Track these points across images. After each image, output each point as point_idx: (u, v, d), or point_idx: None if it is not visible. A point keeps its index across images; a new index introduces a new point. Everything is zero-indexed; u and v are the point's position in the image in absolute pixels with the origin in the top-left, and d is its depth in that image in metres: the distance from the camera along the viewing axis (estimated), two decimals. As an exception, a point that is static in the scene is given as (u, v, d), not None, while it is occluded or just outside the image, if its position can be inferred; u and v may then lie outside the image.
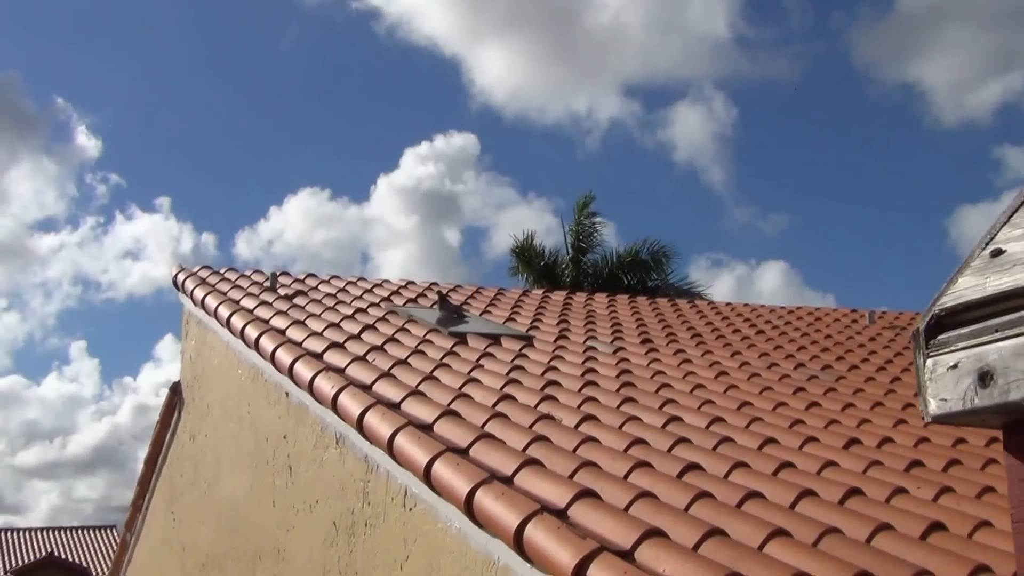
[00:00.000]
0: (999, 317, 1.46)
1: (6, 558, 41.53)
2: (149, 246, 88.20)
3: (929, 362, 1.54)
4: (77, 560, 42.07)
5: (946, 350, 1.52)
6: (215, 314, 9.01)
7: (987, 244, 1.53)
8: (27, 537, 44.68)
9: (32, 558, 40.97)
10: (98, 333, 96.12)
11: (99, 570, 39.37)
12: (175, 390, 10.74)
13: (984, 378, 1.45)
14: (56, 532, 46.11)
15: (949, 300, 1.52)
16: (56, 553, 41.64)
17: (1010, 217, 1.54)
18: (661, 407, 6.42)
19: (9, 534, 44.97)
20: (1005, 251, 1.51)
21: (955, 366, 1.50)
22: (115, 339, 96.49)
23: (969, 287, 1.51)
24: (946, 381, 1.50)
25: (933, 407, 1.53)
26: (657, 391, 6.92)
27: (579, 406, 6.28)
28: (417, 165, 71.55)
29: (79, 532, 46.53)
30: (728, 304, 13.48)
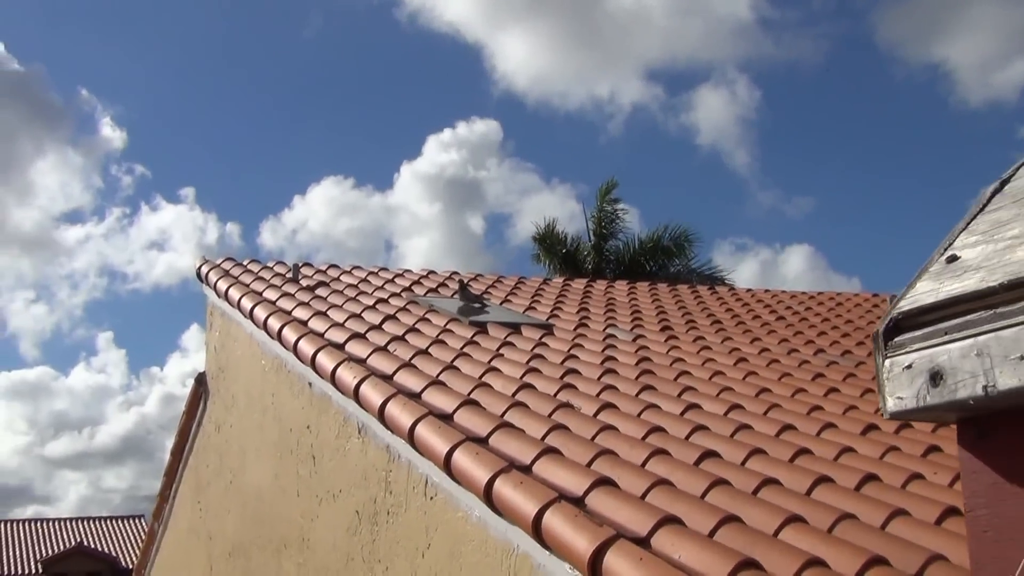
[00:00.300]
0: (950, 320, 1.53)
1: (36, 547, 42.00)
2: (174, 237, 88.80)
3: (887, 362, 1.62)
4: (106, 549, 42.53)
5: (902, 351, 1.60)
6: (238, 305, 9.13)
7: (945, 250, 1.61)
8: (57, 527, 45.17)
9: (61, 547, 41.45)
10: (125, 324, 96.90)
11: (127, 559, 39.76)
12: (200, 381, 10.88)
13: (935, 378, 1.54)
14: (85, 522, 46.59)
15: (906, 304, 1.60)
16: (85, 542, 42.12)
17: (968, 224, 1.61)
18: (679, 395, 6.47)
19: (39, 524, 45.49)
20: (960, 257, 1.59)
21: (910, 366, 1.58)
22: (141, 330, 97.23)
23: (925, 292, 1.58)
24: (902, 380, 1.58)
25: (890, 404, 1.61)
26: (676, 379, 6.97)
27: (598, 394, 6.34)
28: (440, 152, 71.69)
29: (108, 522, 46.99)
30: (748, 290, 13.50)
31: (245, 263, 10.85)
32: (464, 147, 70.42)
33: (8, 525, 44.60)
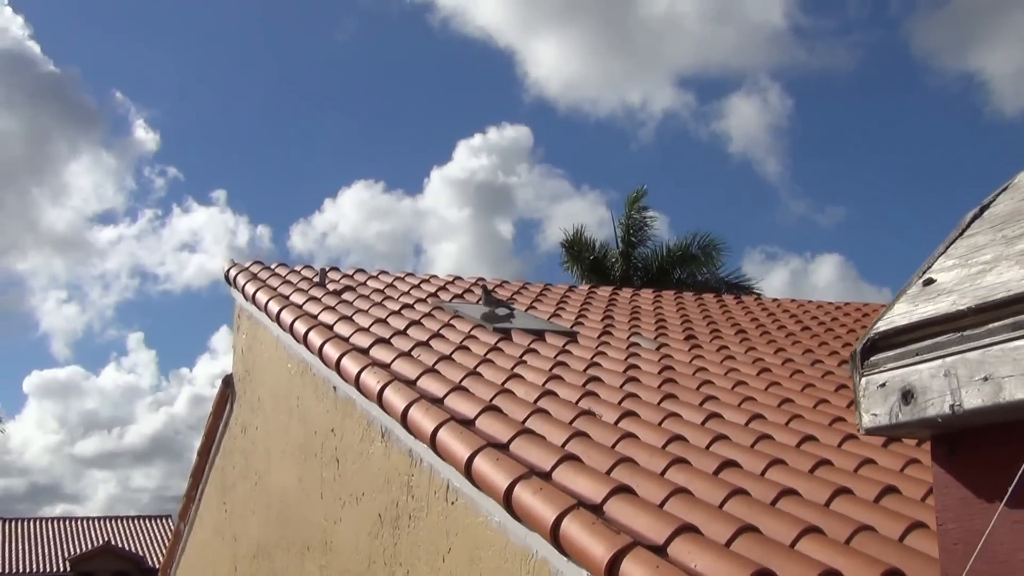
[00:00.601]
0: (922, 342, 1.57)
1: (64, 546, 42.42)
2: (205, 239, 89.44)
3: (863, 380, 1.66)
4: (133, 549, 42.86)
5: (877, 370, 1.64)
6: (265, 309, 9.21)
7: (923, 273, 1.66)
8: (85, 526, 45.58)
9: (89, 546, 41.83)
10: (155, 325, 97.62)
11: (154, 559, 40.07)
12: (227, 383, 10.98)
13: (906, 396, 1.59)
14: (113, 521, 46.97)
15: (883, 325, 1.64)
16: (112, 542, 42.49)
17: (947, 248, 1.66)
18: (701, 404, 6.49)
19: (67, 522, 45.92)
20: (936, 280, 1.64)
21: (884, 384, 1.62)
22: (172, 331, 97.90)
23: (900, 313, 1.63)
24: (876, 398, 1.63)
25: (866, 420, 1.66)
26: (698, 388, 6.99)
27: (620, 402, 6.37)
28: (470, 157, 71.88)
29: (135, 521, 47.35)
30: (775, 300, 13.48)
31: (273, 267, 10.94)
32: (495, 152, 70.64)
33: (37, 523, 45.07)
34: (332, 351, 7.28)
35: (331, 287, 10.01)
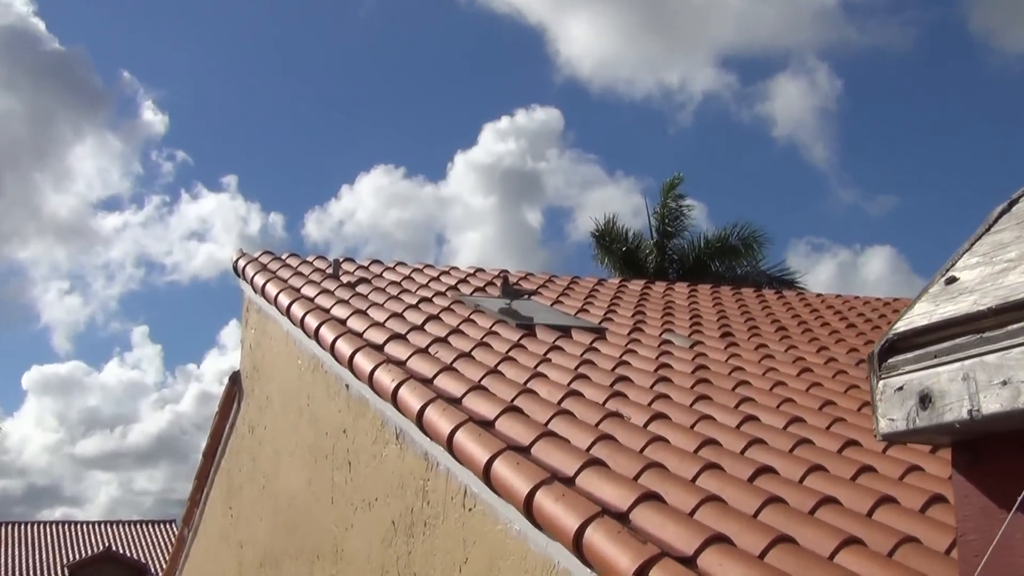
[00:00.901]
0: (941, 344, 1.57)
1: (64, 551, 42.77)
2: (215, 227, 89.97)
3: (880, 383, 1.67)
4: (135, 555, 43.20)
5: (895, 373, 1.65)
6: (275, 302, 9.28)
7: (946, 271, 1.66)
8: (85, 530, 45.95)
9: (90, 552, 42.18)
10: (161, 318, 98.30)
11: (157, 566, 40.34)
12: (235, 380, 11.07)
13: (924, 401, 1.59)
14: (114, 526, 47.33)
15: (902, 325, 1.65)
16: (114, 547, 42.80)
17: (972, 245, 1.65)
18: (737, 406, 6.49)
19: (67, 527, 46.30)
20: (958, 279, 1.64)
21: (901, 388, 1.62)
22: (178, 324, 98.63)
23: (921, 313, 1.63)
24: (893, 402, 1.63)
25: (883, 425, 1.67)
26: (734, 389, 6.99)
27: (649, 403, 6.38)
28: (497, 141, 71.91)
29: (138, 526, 47.71)
30: (819, 295, 13.45)
31: (284, 257, 11.01)
32: (523, 136, 70.62)
33: (36, 527, 45.46)
34: (345, 347, 7.33)
35: (345, 279, 10.06)
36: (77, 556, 41.95)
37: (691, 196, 30.07)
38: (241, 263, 10.91)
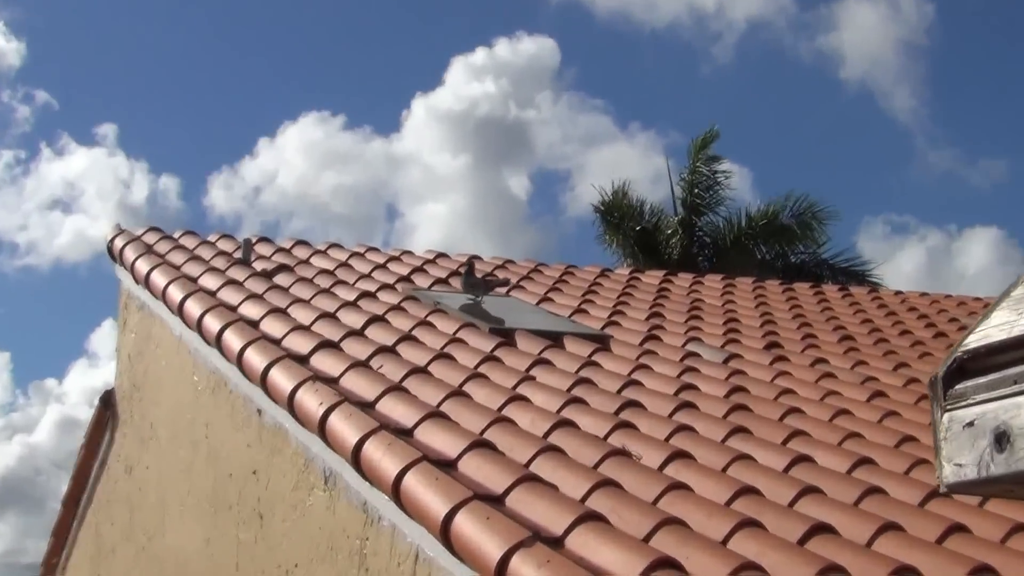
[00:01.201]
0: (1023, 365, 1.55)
1: None
2: (86, 193, 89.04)
3: (945, 417, 1.64)
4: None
5: (963, 403, 1.62)
6: (164, 297, 9.22)
7: None
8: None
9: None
10: (10, 315, 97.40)
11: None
12: (107, 402, 11.01)
13: (1000, 440, 1.54)
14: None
15: (975, 340, 1.62)
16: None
17: None
18: (785, 442, 6.51)
19: None
20: None
21: (971, 424, 1.59)
22: (33, 325, 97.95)
23: (999, 324, 1.59)
24: (962, 441, 1.61)
25: (947, 473, 1.64)
26: (781, 419, 7.01)
27: (667, 438, 6.39)
28: (469, 81, 71.35)
29: (-25, 598, 47.42)
30: (898, 293, 13.49)
31: (177, 236, 10.95)
32: (504, 75, 70.18)
33: None
34: (257, 358, 7.30)
35: (259, 266, 10.03)
36: None
37: (729, 158, 29.76)
38: (119, 243, 10.83)
